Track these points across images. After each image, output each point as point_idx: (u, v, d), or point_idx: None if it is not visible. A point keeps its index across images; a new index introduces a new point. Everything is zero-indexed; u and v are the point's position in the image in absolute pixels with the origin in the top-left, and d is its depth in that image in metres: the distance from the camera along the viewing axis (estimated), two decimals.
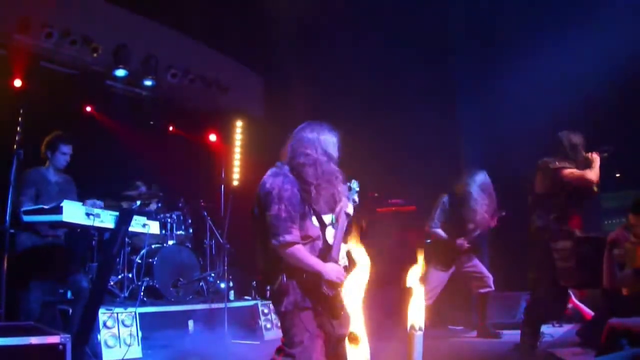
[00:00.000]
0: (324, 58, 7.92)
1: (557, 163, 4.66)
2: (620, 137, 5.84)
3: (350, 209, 3.34)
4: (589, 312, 5.94)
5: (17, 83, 6.68)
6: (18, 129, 4.49)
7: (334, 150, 3.24)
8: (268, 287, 3.12)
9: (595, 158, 4.68)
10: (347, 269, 3.20)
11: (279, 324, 3.28)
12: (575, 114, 5.92)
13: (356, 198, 3.62)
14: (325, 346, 3.20)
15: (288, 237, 2.95)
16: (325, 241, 3.20)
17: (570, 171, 4.62)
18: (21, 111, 4.56)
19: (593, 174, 4.60)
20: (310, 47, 7.82)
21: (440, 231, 6.20)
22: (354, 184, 3.50)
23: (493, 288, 6.22)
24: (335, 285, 3.01)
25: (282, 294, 3.03)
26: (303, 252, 3.01)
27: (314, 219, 3.17)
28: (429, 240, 6.26)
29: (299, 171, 3.13)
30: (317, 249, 3.14)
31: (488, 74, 6.91)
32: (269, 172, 3.19)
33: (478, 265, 6.31)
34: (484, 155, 7.22)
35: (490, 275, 6.25)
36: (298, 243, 3.00)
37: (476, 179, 6.02)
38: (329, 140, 3.23)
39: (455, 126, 7.43)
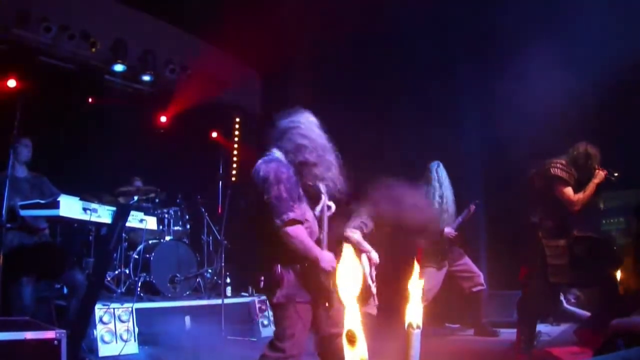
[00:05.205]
0: (321, 55, 7.88)
1: (558, 170, 4.60)
2: (619, 136, 5.83)
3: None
4: (583, 313, 5.91)
5: (12, 83, 6.63)
6: (15, 123, 4.46)
7: (321, 131, 3.22)
8: (262, 278, 3.08)
9: (599, 175, 4.62)
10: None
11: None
12: (574, 115, 5.90)
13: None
14: (318, 343, 3.18)
15: (292, 215, 2.93)
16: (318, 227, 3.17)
17: (562, 189, 4.57)
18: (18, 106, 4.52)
19: (582, 198, 4.56)
20: (308, 44, 7.78)
21: None
22: None
23: (485, 286, 6.16)
24: (329, 275, 2.97)
25: (275, 286, 2.99)
26: (305, 234, 2.99)
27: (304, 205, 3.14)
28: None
29: (296, 151, 3.10)
30: (314, 234, 3.12)
31: (488, 76, 6.88)
32: (259, 162, 3.14)
33: (468, 264, 6.22)
34: (483, 154, 7.20)
35: (480, 273, 6.18)
36: (301, 222, 2.98)
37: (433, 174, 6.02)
38: (314, 122, 3.23)
39: (454, 125, 7.40)
